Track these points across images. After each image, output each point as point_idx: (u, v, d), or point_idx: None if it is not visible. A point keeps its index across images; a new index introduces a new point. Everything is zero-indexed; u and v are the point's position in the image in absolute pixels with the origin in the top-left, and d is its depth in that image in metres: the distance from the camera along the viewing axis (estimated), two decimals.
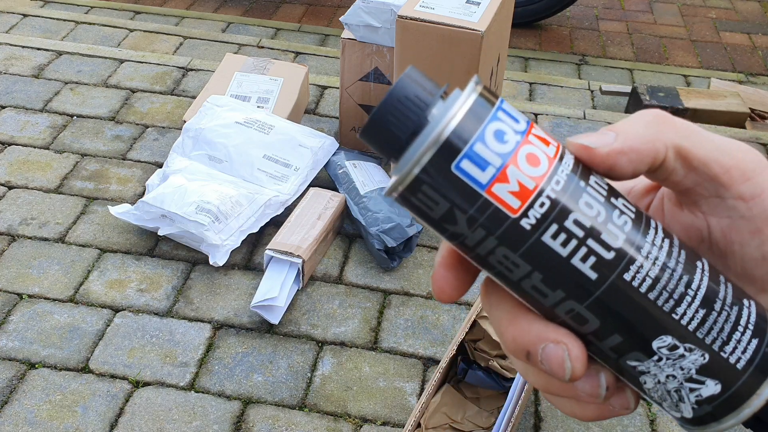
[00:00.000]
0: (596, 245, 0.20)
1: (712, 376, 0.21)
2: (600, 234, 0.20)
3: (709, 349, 0.21)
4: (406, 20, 0.95)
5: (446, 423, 0.80)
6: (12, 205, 1.12)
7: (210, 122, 1.13)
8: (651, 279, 0.20)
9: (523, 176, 0.20)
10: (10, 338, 0.91)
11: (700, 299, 0.20)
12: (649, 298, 0.20)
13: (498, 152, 0.20)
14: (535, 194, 0.20)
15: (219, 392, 0.86)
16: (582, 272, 0.20)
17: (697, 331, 0.20)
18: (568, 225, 0.20)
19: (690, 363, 0.21)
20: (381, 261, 1.03)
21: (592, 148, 0.21)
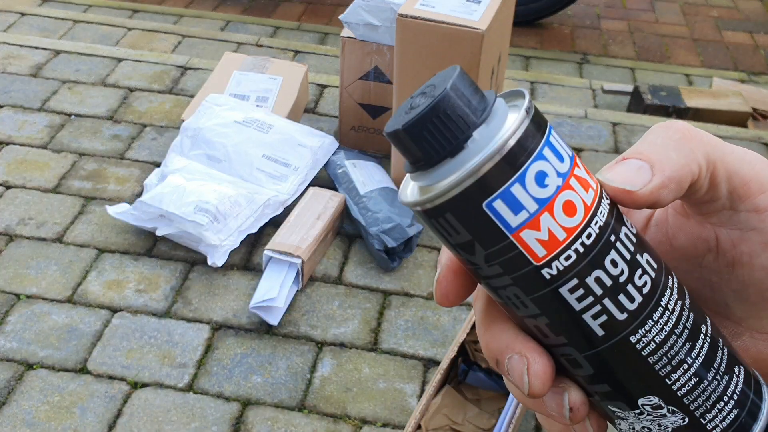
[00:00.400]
0: (612, 305, 0.19)
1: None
2: (618, 294, 0.19)
3: (691, 414, 0.20)
4: (406, 19, 0.95)
5: (447, 424, 0.79)
6: (10, 205, 1.12)
7: (209, 121, 1.13)
8: (655, 344, 0.20)
9: (556, 226, 0.18)
10: (7, 339, 0.91)
11: (696, 367, 0.20)
12: (648, 362, 0.20)
13: (535, 197, 0.18)
14: (564, 246, 0.19)
15: (218, 393, 0.86)
16: (590, 327, 0.19)
17: (685, 397, 0.20)
18: (589, 281, 0.19)
19: (669, 422, 0.20)
20: (381, 261, 1.02)
21: (634, 191, 0.19)
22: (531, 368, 0.20)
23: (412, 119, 0.19)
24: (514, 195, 0.18)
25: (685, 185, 0.20)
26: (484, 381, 0.82)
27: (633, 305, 0.19)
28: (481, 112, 0.19)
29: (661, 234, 0.23)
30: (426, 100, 0.19)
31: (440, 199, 0.18)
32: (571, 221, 0.19)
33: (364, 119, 1.22)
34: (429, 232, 1.10)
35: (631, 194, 0.20)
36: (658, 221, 0.23)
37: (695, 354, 0.20)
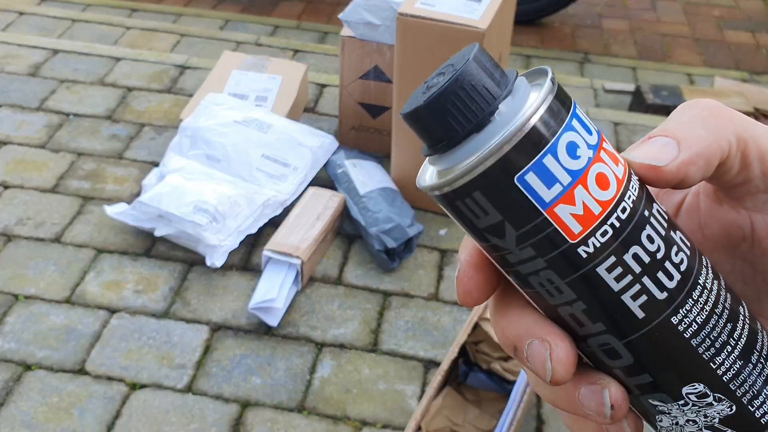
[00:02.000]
0: (651, 284, 0.18)
1: (735, 428, 0.19)
2: (657, 272, 0.18)
3: (738, 401, 0.19)
4: (406, 18, 0.94)
5: (447, 426, 0.79)
6: (8, 205, 1.11)
7: (207, 121, 1.12)
8: (697, 325, 0.19)
9: (591, 199, 0.17)
10: (5, 339, 0.90)
11: (739, 349, 0.19)
12: (691, 344, 0.19)
13: (568, 169, 0.17)
14: (600, 221, 0.18)
15: (217, 395, 0.85)
16: (630, 309, 0.18)
17: (731, 383, 0.19)
18: (627, 259, 0.18)
19: (715, 412, 0.19)
20: (381, 262, 1.02)
21: (660, 167, 0.19)
22: (554, 353, 0.18)
23: (434, 95, 0.18)
24: (546, 167, 0.17)
25: (714, 163, 0.19)
26: (485, 382, 0.81)
27: (672, 283, 0.18)
28: (506, 85, 0.18)
29: (693, 222, 0.22)
30: (445, 78, 0.18)
31: (467, 177, 0.17)
32: (606, 194, 0.18)
33: (364, 119, 1.22)
34: (429, 233, 1.10)
35: (657, 170, 0.18)
36: (689, 208, 0.22)
37: (737, 336, 0.19)
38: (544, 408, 0.86)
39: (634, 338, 0.19)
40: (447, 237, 1.09)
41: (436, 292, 1.00)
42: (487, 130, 0.18)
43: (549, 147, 0.17)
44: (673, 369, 0.19)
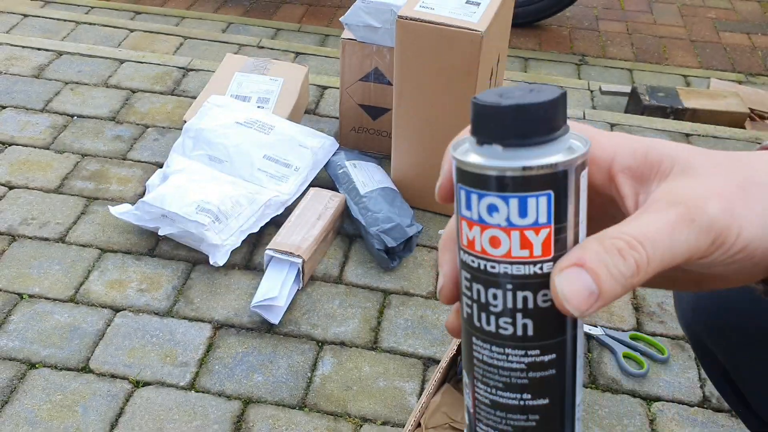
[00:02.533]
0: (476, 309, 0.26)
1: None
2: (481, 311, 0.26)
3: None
4: (406, 20, 0.95)
5: (446, 423, 0.80)
6: (12, 205, 1.12)
7: (210, 122, 1.13)
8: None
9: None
10: (10, 338, 0.91)
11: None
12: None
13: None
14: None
15: (219, 392, 0.86)
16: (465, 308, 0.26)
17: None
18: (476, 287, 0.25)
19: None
20: (381, 261, 1.03)
21: (570, 312, 0.22)
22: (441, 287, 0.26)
23: (542, 100, 0.22)
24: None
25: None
26: None
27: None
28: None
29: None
30: (534, 94, 0.23)
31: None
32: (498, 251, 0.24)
33: (365, 120, 1.23)
34: (429, 232, 1.11)
35: (567, 310, 0.22)
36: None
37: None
38: None
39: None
40: None
41: (436, 291, 1.01)
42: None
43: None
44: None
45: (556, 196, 0.23)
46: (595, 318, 0.99)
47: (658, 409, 0.87)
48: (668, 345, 0.95)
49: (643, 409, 0.87)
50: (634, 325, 0.98)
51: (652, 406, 0.88)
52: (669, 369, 0.92)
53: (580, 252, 0.22)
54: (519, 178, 0.22)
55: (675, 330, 0.98)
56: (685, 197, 0.22)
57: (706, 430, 0.85)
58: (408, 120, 1.05)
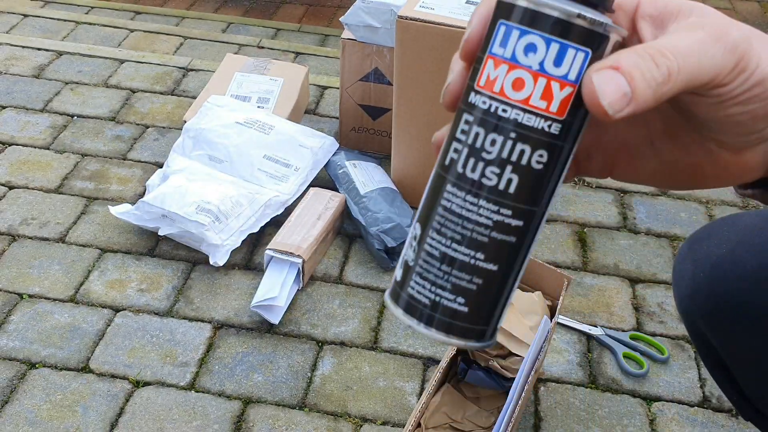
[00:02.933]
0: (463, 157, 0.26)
1: None
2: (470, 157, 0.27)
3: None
4: (406, 20, 0.95)
5: (446, 423, 0.80)
6: (12, 205, 1.12)
7: (210, 122, 1.13)
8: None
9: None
10: (10, 338, 0.91)
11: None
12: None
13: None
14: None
15: (219, 392, 0.86)
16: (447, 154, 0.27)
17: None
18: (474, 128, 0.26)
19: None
20: (381, 261, 1.03)
21: (607, 111, 0.23)
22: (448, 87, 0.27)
23: None
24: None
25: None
26: (484, 380, 0.82)
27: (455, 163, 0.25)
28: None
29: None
30: None
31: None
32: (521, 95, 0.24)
33: (365, 120, 1.23)
34: None
35: (601, 111, 0.22)
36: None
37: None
38: (542, 405, 0.87)
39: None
40: None
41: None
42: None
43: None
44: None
45: (592, 57, 0.23)
46: (595, 318, 0.99)
47: (658, 409, 0.87)
48: (668, 345, 0.95)
49: (643, 409, 0.87)
50: (634, 325, 0.98)
51: (652, 406, 0.88)
52: (669, 369, 0.92)
53: (615, 57, 0.23)
54: (570, 24, 0.23)
55: (675, 330, 0.98)
56: (708, 23, 0.24)
57: (706, 430, 0.85)
58: (408, 120, 1.05)
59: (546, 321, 0.75)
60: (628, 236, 1.13)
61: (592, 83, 0.22)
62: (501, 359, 0.80)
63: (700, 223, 1.17)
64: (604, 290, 1.03)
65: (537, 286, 0.84)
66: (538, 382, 0.89)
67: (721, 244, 0.53)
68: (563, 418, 0.85)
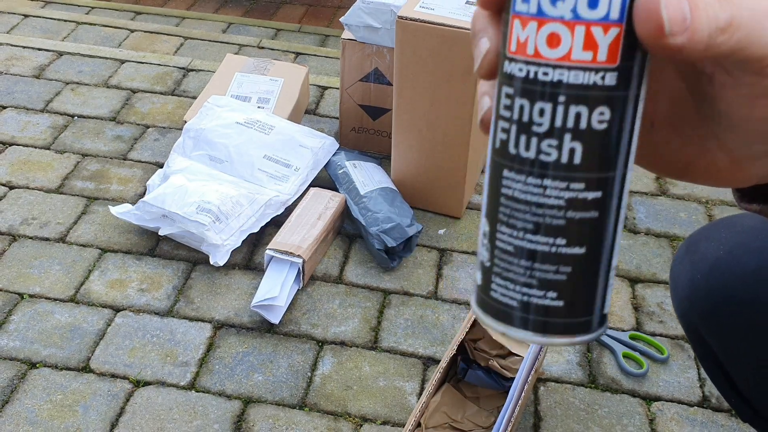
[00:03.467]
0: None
1: None
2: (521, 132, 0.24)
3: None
4: (406, 21, 0.96)
5: (446, 422, 0.80)
6: (13, 205, 1.13)
7: (210, 122, 1.14)
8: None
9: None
10: (11, 338, 0.92)
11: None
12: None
13: None
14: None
15: (219, 392, 0.86)
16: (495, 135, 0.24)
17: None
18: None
19: None
20: (381, 261, 1.03)
21: (665, 35, 0.20)
22: (485, 55, 0.23)
23: None
24: None
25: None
26: (484, 379, 0.83)
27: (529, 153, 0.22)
28: None
29: None
30: None
31: None
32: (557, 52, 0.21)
33: (365, 120, 1.23)
34: (428, 232, 1.11)
35: (659, 24, 0.20)
36: None
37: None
38: (541, 405, 0.87)
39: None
40: (446, 236, 1.11)
41: (436, 291, 1.02)
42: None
43: None
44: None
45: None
46: None
47: (658, 408, 0.87)
48: (668, 345, 0.95)
49: (643, 409, 0.87)
50: (634, 325, 0.98)
51: (652, 406, 0.88)
52: (669, 369, 0.92)
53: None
54: None
55: (675, 330, 0.98)
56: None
57: (705, 429, 0.85)
58: (408, 120, 1.05)
59: None
60: (628, 236, 1.13)
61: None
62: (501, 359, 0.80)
63: (699, 223, 1.17)
64: None
65: None
66: (537, 382, 0.89)
67: (719, 246, 0.53)
68: (563, 418, 0.85)
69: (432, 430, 0.80)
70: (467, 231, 1.12)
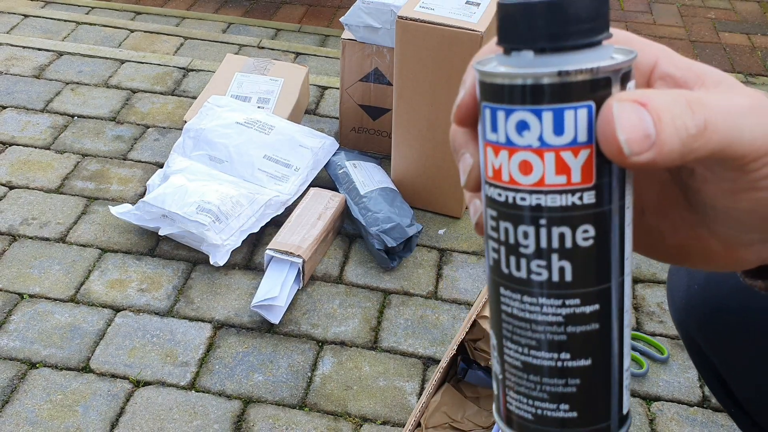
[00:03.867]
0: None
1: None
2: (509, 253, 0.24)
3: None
4: (406, 21, 0.96)
5: (446, 422, 0.80)
6: (13, 205, 1.13)
7: (210, 122, 1.14)
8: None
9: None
10: (11, 338, 0.92)
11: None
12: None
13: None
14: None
15: (219, 392, 0.86)
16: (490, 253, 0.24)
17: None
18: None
19: None
20: (381, 261, 1.03)
21: (626, 155, 0.19)
22: (470, 171, 0.23)
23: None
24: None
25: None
26: (484, 379, 0.83)
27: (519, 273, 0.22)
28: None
29: None
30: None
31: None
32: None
33: (365, 120, 1.23)
34: (428, 232, 1.11)
35: (615, 142, 0.19)
36: None
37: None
38: None
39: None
40: (446, 236, 1.11)
41: (435, 291, 1.02)
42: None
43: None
44: None
45: (598, 108, 0.19)
46: None
47: (658, 408, 0.88)
48: (668, 345, 0.95)
49: (643, 409, 0.87)
50: (634, 325, 0.98)
51: (652, 406, 0.88)
52: (668, 369, 0.92)
53: (644, 92, 0.19)
54: (554, 85, 0.19)
55: (674, 330, 0.98)
56: (750, 93, 0.21)
57: (705, 429, 0.85)
58: (408, 120, 1.05)
59: None
60: None
61: (611, 112, 0.19)
62: None
63: None
64: None
65: None
66: None
67: None
68: None
69: (432, 430, 0.80)
70: (467, 231, 1.12)
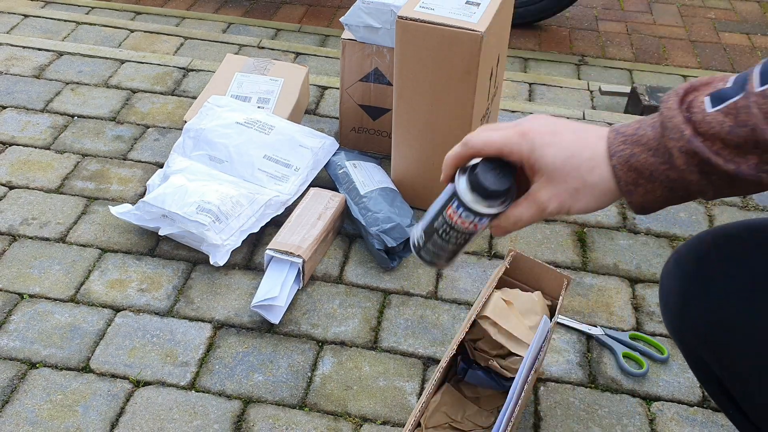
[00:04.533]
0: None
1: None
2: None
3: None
4: (406, 21, 0.96)
5: (446, 422, 0.80)
6: (13, 205, 1.13)
7: (210, 122, 1.14)
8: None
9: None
10: (10, 338, 0.92)
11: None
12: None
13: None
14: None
15: (219, 392, 0.86)
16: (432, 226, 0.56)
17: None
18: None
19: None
20: (381, 261, 1.03)
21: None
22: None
23: (502, 188, 0.51)
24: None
25: None
26: (484, 379, 0.83)
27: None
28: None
29: None
30: (499, 180, 0.51)
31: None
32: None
33: (365, 120, 1.23)
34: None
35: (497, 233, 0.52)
36: None
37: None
38: (541, 405, 0.87)
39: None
40: None
41: (435, 291, 1.02)
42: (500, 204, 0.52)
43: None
44: None
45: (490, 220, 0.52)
46: (594, 318, 0.99)
47: (658, 408, 0.88)
48: (668, 345, 0.95)
49: (643, 409, 0.87)
50: (634, 325, 0.99)
51: (652, 406, 0.88)
52: (669, 369, 0.92)
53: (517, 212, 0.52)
54: (480, 213, 0.51)
55: None
56: (539, 199, 0.50)
57: (705, 429, 0.85)
58: (408, 120, 1.05)
59: (546, 321, 0.75)
60: (628, 236, 1.14)
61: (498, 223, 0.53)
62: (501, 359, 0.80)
63: (699, 223, 1.17)
64: (603, 290, 1.03)
65: (537, 286, 0.84)
66: (537, 382, 0.89)
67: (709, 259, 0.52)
68: (563, 418, 0.85)
69: (432, 430, 0.80)
70: None
